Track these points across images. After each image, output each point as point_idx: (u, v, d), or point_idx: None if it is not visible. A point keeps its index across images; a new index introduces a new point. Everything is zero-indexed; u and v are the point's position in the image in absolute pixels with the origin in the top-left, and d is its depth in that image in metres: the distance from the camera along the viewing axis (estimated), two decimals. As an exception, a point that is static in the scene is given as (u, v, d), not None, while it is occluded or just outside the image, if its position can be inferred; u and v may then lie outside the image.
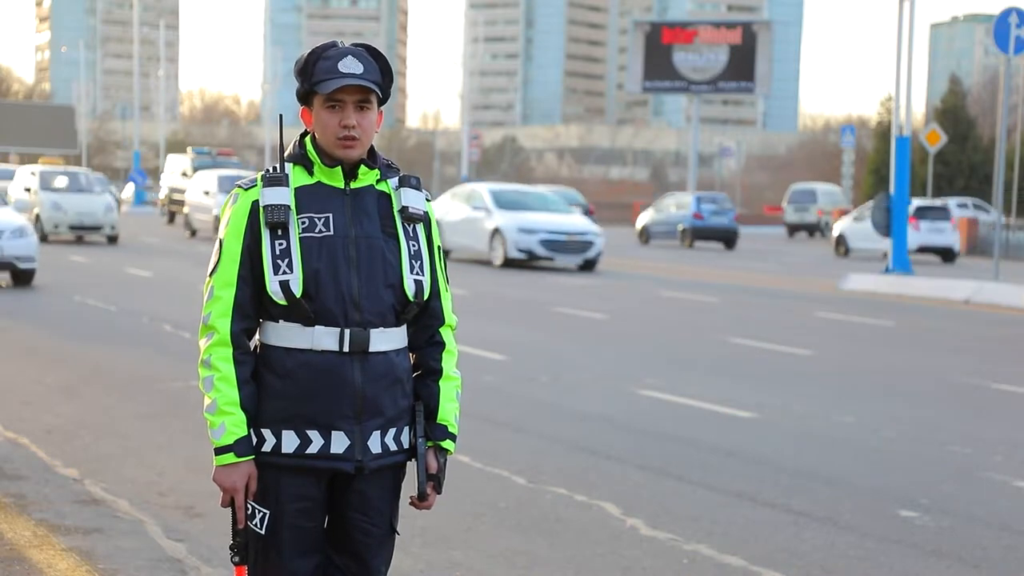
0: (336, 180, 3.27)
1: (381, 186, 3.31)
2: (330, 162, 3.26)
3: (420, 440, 3.31)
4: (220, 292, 3.24)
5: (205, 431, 3.27)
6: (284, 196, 3.22)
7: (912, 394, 11.11)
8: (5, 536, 5.75)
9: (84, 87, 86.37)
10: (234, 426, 3.20)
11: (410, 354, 3.37)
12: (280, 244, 3.20)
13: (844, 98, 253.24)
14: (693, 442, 8.55)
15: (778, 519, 6.64)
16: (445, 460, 3.34)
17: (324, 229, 3.22)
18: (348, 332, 3.21)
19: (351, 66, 3.20)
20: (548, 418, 9.27)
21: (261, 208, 3.22)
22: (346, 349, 3.21)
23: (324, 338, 3.20)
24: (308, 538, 3.28)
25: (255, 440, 3.23)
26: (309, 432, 3.22)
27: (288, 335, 3.23)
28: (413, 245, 3.30)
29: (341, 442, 3.23)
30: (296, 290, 3.19)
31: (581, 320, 16.18)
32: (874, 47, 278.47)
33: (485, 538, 6.13)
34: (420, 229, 3.33)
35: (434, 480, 3.30)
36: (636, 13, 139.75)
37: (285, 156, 3.31)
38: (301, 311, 3.20)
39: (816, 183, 57.26)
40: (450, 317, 3.41)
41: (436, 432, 3.33)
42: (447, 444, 3.34)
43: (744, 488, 7.27)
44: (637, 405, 9.95)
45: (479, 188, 27.35)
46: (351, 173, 3.27)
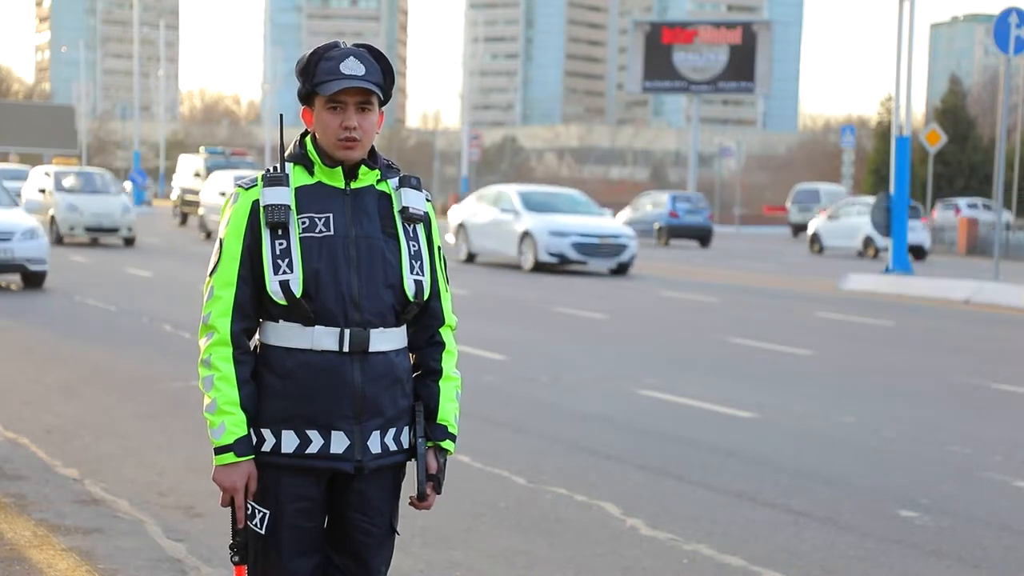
0: (336, 180, 3.27)
1: (381, 186, 3.31)
2: (330, 162, 3.26)
3: (420, 440, 3.31)
4: (220, 292, 3.24)
5: (205, 431, 3.28)
6: (284, 196, 3.22)
7: (912, 394, 11.11)
8: (5, 536, 5.75)
9: (84, 87, 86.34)
10: (234, 426, 3.20)
11: (410, 354, 3.37)
12: (280, 244, 3.20)
13: (844, 98, 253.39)
14: (693, 442, 8.56)
15: (778, 519, 6.64)
16: (445, 460, 3.34)
17: (324, 229, 3.22)
18: (348, 332, 3.21)
19: (353, 67, 3.20)
20: (548, 418, 9.27)
21: (261, 208, 3.22)
22: (346, 349, 3.21)
23: (324, 338, 3.20)
24: (308, 538, 3.28)
25: (255, 440, 3.23)
26: (309, 432, 3.22)
27: (288, 335, 3.23)
28: (413, 245, 3.30)
29: (341, 442, 3.23)
30: (296, 290, 3.19)
31: (581, 320, 16.18)
32: (874, 47, 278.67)
33: (485, 538, 6.13)
34: (420, 229, 3.33)
35: (434, 480, 3.30)
36: (636, 13, 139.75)
37: (285, 156, 3.31)
38: (301, 311, 3.20)
39: (820, 183, 57.40)
40: (450, 317, 3.41)
41: (436, 432, 3.33)
42: (447, 444, 3.34)
43: (744, 488, 7.27)
44: (637, 405, 9.95)
45: (507, 190, 26.48)
46: (351, 173, 3.27)
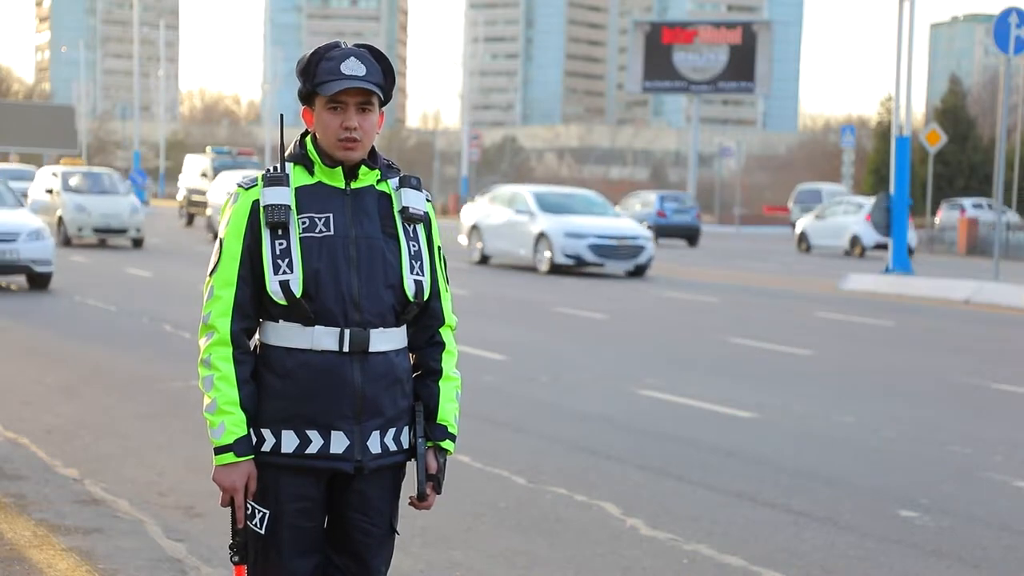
0: (337, 180, 3.27)
1: (382, 186, 3.31)
2: (331, 162, 3.26)
3: (420, 440, 3.31)
4: (220, 292, 3.24)
5: (205, 431, 3.28)
6: (285, 196, 3.22)
7: (912, 394, 11.11)
8: (5, 536, 5.75)
9: (84, 87, 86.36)
10: (234, 426, 3.20)
11: (410, 354, 3.37)
12: (280, 244, 3.20)
13: (844, 98, 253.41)
14: (693, 442, 8.56)
15: (778, 519, 6.64)
16: (445, 460, 3.34)
17: (324, 229, 3.22)
18: (348, 332, 3.21)
19: (353, 68, 3.20)
20: (548, 418, 9.27)
21: (261, 208, 3.22)
22: (346, 349, 3.21)
23: (324, 338, 3.20)
24: (308, 538, 3.28)
25: (255, 440, 3.23)
26: (309, 432, 3.22)
27: (288, 335, 3.23)
28: (413, 245, 3.30)
29: (340, 442, 3.23)
30: (296, 290, 3.19)
31: (581, 320, 16.19)
32: (874, 47, 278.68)
33: (485, 538, 6.14)
34: (420, 229, 3.33)
35: (433, 480, 3.30)
36: (636, 13, 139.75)
37: (286, 156, 3.31)
38: (301, 311, 3.20)
39: (822, 183, 57.49)
40: (450, 317, 3.41)
41: (436, 432, 3.33)
42: (447, 444, 3.34)
43: (744, 488, 7.27)
44: (637, 405, 9.95)
45: (522, 190, 26.10)
46: (352, 173, 3.27)
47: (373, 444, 3.26)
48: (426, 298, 3.32)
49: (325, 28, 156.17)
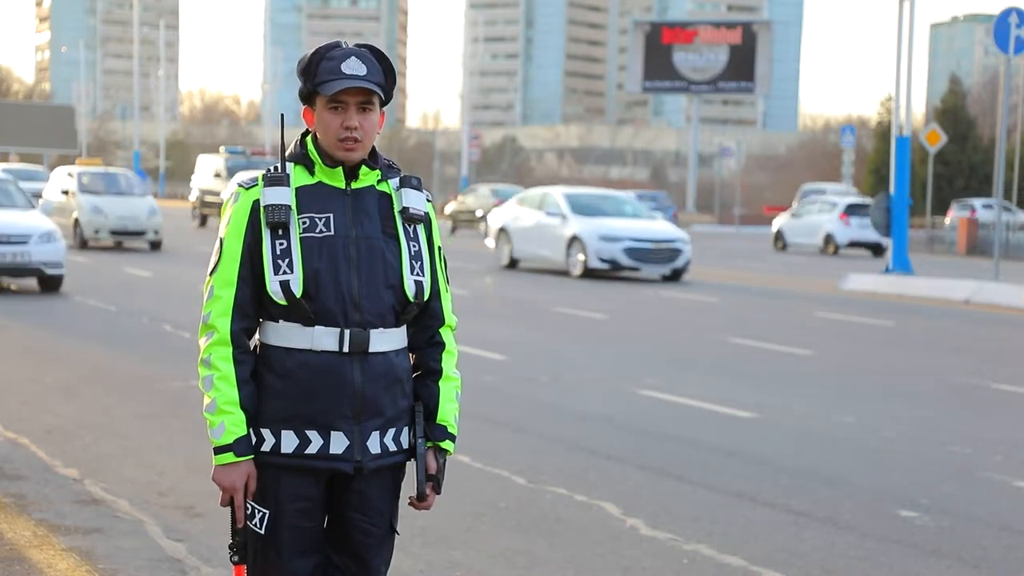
0: (337, 180, 3.27)
1: (382, 187, 3.31)
2: (331, 162, 3.26)
3: (419, 440, 3.31)
4: (220, 291, 3.24)
5: (205, 431, 3.28)
6: (285, 196, 3.22)
7: (912, 394, 11.11)
8: (5, 536, 5.75)
9: (84, 87, 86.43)
10: (233, 425, 3.20)
11: (410, 354, 3.37)
12: (281, 244, 3.20)
13: (844, 98, 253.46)
14: (693, 442, 8.56)
15: (778, 519, 6.64)
16: (444, 461, 3.34)
17: (325, 229, 3.22)
18: (348, 332, 3.21)
19: (354, 67, 3.20)
20: (548, 418, 9.27)
21: (262, 208, 3.22)
22: (346, 349, 3.21)
23: (324, 338, 3.20)
24: (307, 538, 3.28)
25: (254, 440, 3.23)
26: (308, 432, 3.22)
27: (288, 335, 3.23)
28: (413, 246, 3.30)
29: (340, 442, 3.23)
30: (296, 290, 3.19)
31: (581, 320, 16.19)
32: (874, 47, 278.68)
33: (485, 538, 6.14)
34: (420, 230, 3.33)
35: (433, 480, 3.30)
36: (636, 13, 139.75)
37: (286, 156, 3.31)
38: (301, 311, 3.20)
39: (826, 183, 57.54)
40: (450, 318, 3.41)
41: (435, 432, 3.33)
42: (446, 444, 3.34)
43: (744, 488, 7.27)
44: (637, 405, 9.95)
45: (553, 192, 25.15)
46: (352, 173, 3.27)
47: (373, 444, 3.26)
48: (426, 298, 3.32)
49: (325, 28, 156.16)
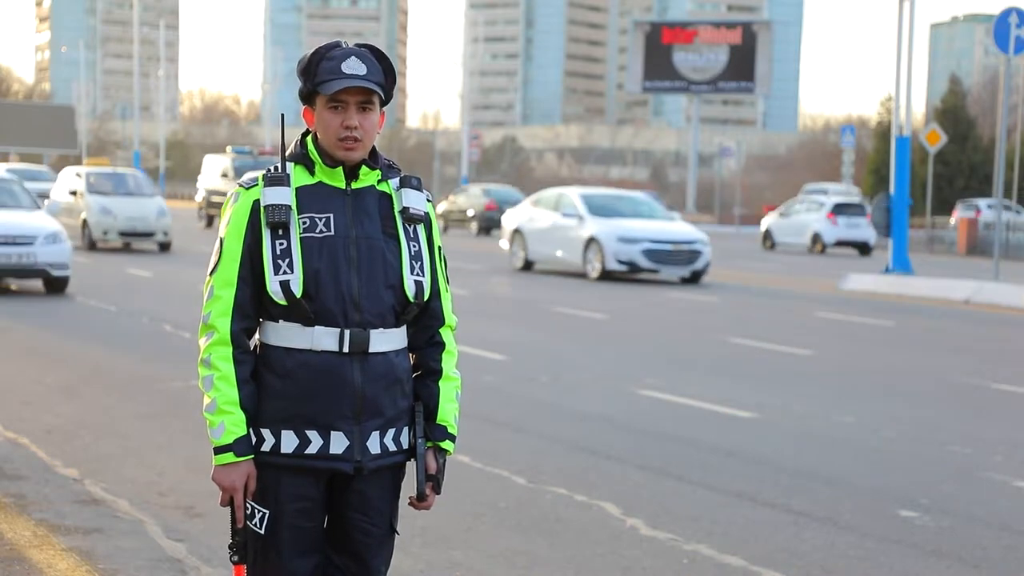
0: (337, 180, 3.27)
1: (382, 187, 3.31)
2: (331, 162, 3.26)
3: (419, 440, 3.31)
4: (220, 291, 3.24)
5: (205, 431, 3.28)
6: (285, 196, 3.22)
7: (912, 394, 11.11)
8: (5, 536, 5.75)
9: (84, 87, 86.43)
10: (233, 425, 3.20)
11: (410, 354, 3.37)
12: (281, 244, 3.20)
13: (844, 98, 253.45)
14: (693, 442, 8.56)
15: (778, 519, 6.64)
16: (444, 461, 3.34)
17: (325, 229, 3.22)
18: (348, 332, 3.21)
19: (354, 67, 3.20)
20: (548, 418, 9.27)
21: (262, 208, 3.22)
22: (346, 349, 3.21)
23: (324, 338, 3.20)
24: (307, 538, 3.28)
25: (254, 440, 3.23)
26: (308, 432, 3.22)
27: (288, 335, 3.23)
28: (414, 246, 3.30)
29: (340, 442, 3.23)
30: (296, 290, 3.19)
31: (581, 320, 16.19)
32: (874, 47, 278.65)
33: (485, 538, 6.14)
34: (421, 230, 3.33)
35: (433, 480, 3.30)
36: (636, 13, 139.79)
37: (286, 156, 3.31)
38: (301, 311, 3.20)
39: (828, 183, 57.60)
40: (450, 318, 3.41)
41: (435, 432, 3.33)
42: (446, 445, 3.34)
43: (744, 488, 7.27)
44: (637, 405, 9.95)
45: (569, 193, 24.65)
46: (352, 173, 3.27)
47: (373, 444, 3.26)
48: (426, 298, 3.32)
49: (325, 28, 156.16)
